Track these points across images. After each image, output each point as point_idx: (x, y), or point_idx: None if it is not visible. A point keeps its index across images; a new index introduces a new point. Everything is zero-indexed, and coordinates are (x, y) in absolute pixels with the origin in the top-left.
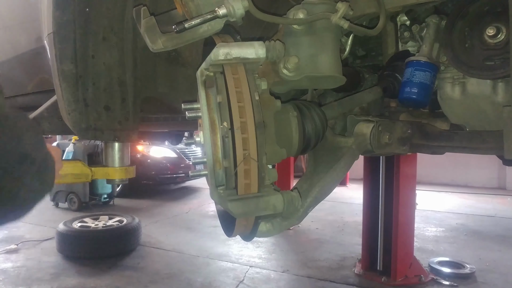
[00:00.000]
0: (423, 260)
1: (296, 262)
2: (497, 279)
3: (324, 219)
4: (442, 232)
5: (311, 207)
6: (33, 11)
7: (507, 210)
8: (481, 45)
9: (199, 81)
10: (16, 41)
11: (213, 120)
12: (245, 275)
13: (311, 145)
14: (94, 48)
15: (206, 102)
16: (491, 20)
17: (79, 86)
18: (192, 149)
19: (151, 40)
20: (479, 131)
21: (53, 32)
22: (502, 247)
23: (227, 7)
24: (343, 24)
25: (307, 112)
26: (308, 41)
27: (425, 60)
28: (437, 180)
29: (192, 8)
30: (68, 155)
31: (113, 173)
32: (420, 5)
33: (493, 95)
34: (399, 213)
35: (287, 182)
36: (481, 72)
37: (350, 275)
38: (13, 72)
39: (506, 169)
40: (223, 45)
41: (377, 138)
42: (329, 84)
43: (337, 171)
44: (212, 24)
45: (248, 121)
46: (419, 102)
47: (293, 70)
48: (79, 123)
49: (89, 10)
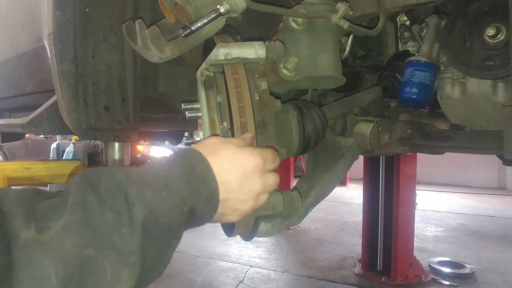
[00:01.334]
0: (423, 260)
1: (296, 262)
2: (497, 279)
3: (324, 219)
4: (442, 232)
5: (311, 207)
6: (33, 11)
7: (507, 210)
8: (481, 45)
9: (199, 81)
10: (16, 41)
11: (213, 120)
12: (245, 275)
13: (311, 145)
14: (94, 48)
15: (206, 102)
16: (491, 20)
17: (79, 86)
18: None
19: (158, 49)
20: (479, 131)
21: (53, 32)
22: (502, 247)
23: (229, 2)
24: (343, 24)
25: (307, 112)
26: (308, 41)
27: (425, 60)
28: (437, 180)
29: (191, 12)
30: (68, 155)
31: None
32: (420, 5)
33: (493, 95)
34: (399, 213)
35: (287, 182)
36: (481, 72)
37: (350, 275)
38: (13, 72)
39: (506, 169)
40: (223, 45)
41: (377, 138)
42: (329, 84)
43: (337, 171)
44: (215, 23)
45: (248, 121)
46: (419, 102)
47: (293, 70)
48: (79, 123)
49: (89, 10)
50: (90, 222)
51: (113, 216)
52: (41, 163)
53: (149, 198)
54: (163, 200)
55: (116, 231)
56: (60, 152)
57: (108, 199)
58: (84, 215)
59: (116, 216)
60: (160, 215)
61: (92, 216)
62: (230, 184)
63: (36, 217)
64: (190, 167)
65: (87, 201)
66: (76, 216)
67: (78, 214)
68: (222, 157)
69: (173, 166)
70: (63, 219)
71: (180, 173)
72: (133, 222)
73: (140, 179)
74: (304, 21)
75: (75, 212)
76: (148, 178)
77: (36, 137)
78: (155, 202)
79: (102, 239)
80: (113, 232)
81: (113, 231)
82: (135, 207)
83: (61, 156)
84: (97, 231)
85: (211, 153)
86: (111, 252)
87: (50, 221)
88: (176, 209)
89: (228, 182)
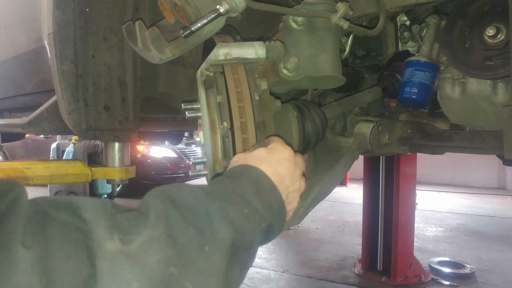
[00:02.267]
0: (423, 260)
1: (296, 262)
2: (497, 279)
3: (324, 219)
4: (442, 232)
5: (311, 207)
6: (33, 11)
7: (507, 210)
8: (481, 45)
9: (199, 81)
10: (16, 41)
11: (213, 120)
12: None
13: (311, 145)
14: (94, 48)
15: (206, 102)
16: (491, 20)
17: (79, 86)
18: (192, 149)
19: (159, 50)
20: (479, 131)
21: (53, 32)
22: (502, 247)
23: (229, 2)
24: (343, 24)
25: (307, 112)
26: (308, 41)
27: (425, 60)
28: (437, 180)
29: (191, 12)
30: (68, 155)
31: (113, 173)
32: (420, 5)
33: (493, 95)
34: (399, 213)
35: None
36: (481, 72)
37: (350, 275)
38: (13, 72)
39: (506, 169)
40: (223, 45)
41: (377, 138)
42: (329, 84)
43: (337, 171)
44: (215, 23)
45: (248, 121)
46: (419, 102)
47: (293, 70)
48: (79, 123)
49: (89, 10)
50: (173, 238)
51: (196, 233)
52: (41, 163)
53: (232, 215)
54: (245, 217)
55: (199, 250)
56: (60, 152)
57: (190, 215)
58: (168, 230)
59: (199, 233)
60: (243, 233)
61: (176, 232)
62: (288, 187)
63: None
64: (257, 183)
65: (170, 216)
66: (159, 230)
67: (161, 228)
68: (273, 166)
69: (242, 182)
70: (147, 233)
71: (251, 189)
72: (217, 241)
73: (219, 195)
74: (304, 21)
75: (158, 226)
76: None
77: (36, 137)
78: (238, 219)
79: (186, 257)
80: (196, 250)
81: (195, 250)
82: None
83: (61, 156)
84: (180, 247)
85: (261, 164)
86: (194, 273)
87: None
88: (257, 225)
89: (285, 185)
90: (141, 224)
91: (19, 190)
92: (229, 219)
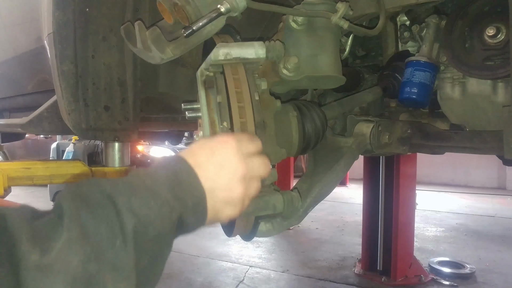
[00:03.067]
0: (423, 260)
1: (296, 262)
2: (497, 279)
3: (324, 219)
4: (442, 232)
5: (311, 207)
6: (33, 11)
7: (507, 210)
8: (481, 45)
9: (199, 81)
10: (16, 41)
11: (213, 120)
12: (245, 275)
13: (311, 145)
14: (94, 48)
15: (206, 102)
16: (491, 20)
17: (79, 86)
18: None
19: (160, 50)
20: (479, 131)
21: (53, 32)
22: (502, 247)
23: (229, 1)
24: (343, 24)
25: (307, 112)
26: (308, 41)
27: (425, 60)
28: (437, 180)
29: (191, 12)
30: (68, 155)
31: (113, 173)
32: (420, 5)
33: (493, 95)
34: (399, 213)
35: (287, 182)
36: (481, 72)
37: (350, 275)
38: (13, 72)
39: (506, 169)
40: (223, 45)
41: (377, 138)
42: (329, 84)
43: (337, 171)
44: (215, 23)
45: (248, 121)
46: (419, 102)
47: (293, 70)
48: (79, 123)
49: (89, 10)
50: (88, 237)
51: (106, 228)
52: (41, 163)
53: (137, 206)
54: (151, 209)
55: (111, 245)
56: (60, 152)
57: (99, 212)
58: (82, 230)
59: (109, 228)
60: (149, 224)
61: (89, 230)
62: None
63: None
64: (173, 175)
65: (81, 216)
66: (75, 232)
67: (76, 230)
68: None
69: (157, 174)
70: (63, 237)
71: (164, 181)
72: (124, 234)
73: (126, 188)
74: (304, 21)
75: (72, 228)
76: (134, 187)
77: (36, 137)
78: (143, 210)
79: (100, 254)
80: (108, 246)
81: (108, 245)
82: (123, 216)
83: (61, 156)
84: (94, 245)
85: (198, 157)
86: (109, 268)
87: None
88: (166, 217)
89: (211, 180)
90: (58, 229)
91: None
92: (132, 211)
